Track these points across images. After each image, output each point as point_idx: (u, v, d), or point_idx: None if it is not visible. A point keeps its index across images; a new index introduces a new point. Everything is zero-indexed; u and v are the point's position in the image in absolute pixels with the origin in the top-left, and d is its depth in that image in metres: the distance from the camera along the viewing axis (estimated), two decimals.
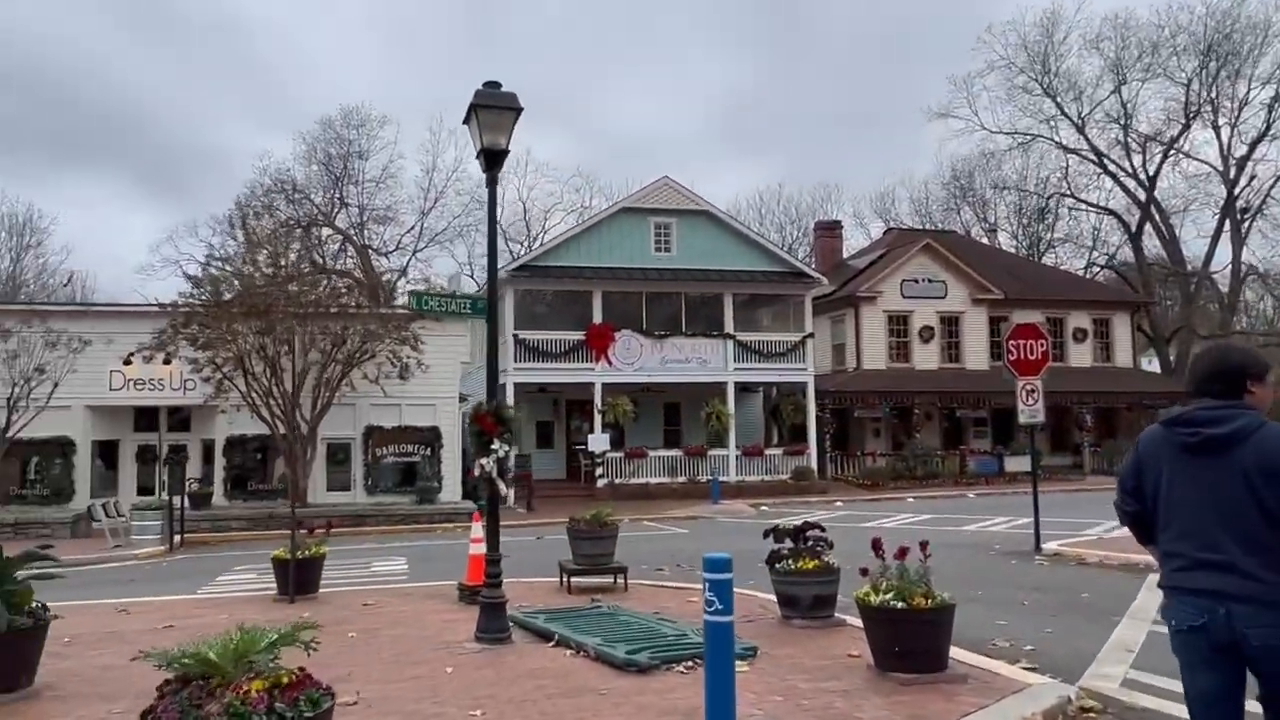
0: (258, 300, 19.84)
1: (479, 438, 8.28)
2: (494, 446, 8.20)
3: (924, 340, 33.81)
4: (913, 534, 17.73)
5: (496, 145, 8.33)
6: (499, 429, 8.20)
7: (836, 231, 40.86)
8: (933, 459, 31.26)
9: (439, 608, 10.12)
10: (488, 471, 8.24)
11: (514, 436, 8.28)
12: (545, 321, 27.78)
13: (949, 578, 12.35)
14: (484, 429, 8.23)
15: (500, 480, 8.29)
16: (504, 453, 8.26)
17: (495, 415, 8.20)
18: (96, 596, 11.94)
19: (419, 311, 8.78)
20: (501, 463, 8.27)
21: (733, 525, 20.61)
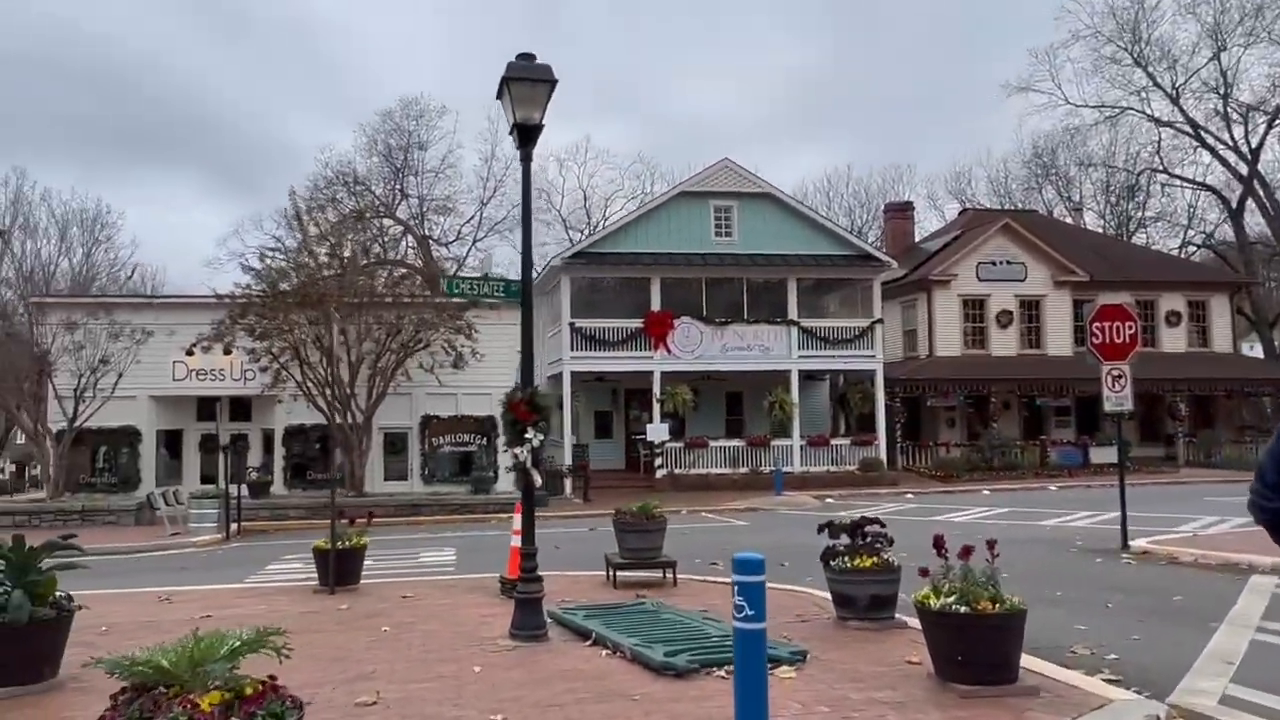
0: (311, 291, 19.87)
1: (512, 426, 7.84)
2: (528, 435, 7.74)
3: (1002, 325, 32.25)
4: (985, 529, 16.68)
5: (530, 120, 7.88)
6: (533, 417, 7.72)
7: (908, 213, 39.35)
8: (1011, 450, 29.78)
9: (478, 601, 9.72)
10: (521, 461, 7.79)
11: (549, 425, 7.80)
12: (603, 309, 27.31)
13: (1024, 576, 11.43)
14: (518, 417, 7.77)
15: (534, 470, 7.83)
16: (538, 442, 7.79)
17: (529, 402, 7.73)
18: (145, 584, 11.96)
19: (450, 295, 8.34)
20: (536, 452, 7.82)
21: (794, 518, 19.81)
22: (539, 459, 7.85)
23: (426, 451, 24.00)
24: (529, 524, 8.03)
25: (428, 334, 21.79)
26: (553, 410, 7.89)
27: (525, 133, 7.89)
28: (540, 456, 7.86)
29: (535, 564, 7.86)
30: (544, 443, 7.86)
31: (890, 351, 33.91)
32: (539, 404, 7.75)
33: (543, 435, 7.77)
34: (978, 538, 14.44)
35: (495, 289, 8.20)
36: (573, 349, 25.86)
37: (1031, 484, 26.90)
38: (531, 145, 7.96)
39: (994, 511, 19.78)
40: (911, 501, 22.85)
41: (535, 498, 22.59)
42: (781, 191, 28.31)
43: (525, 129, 7.89)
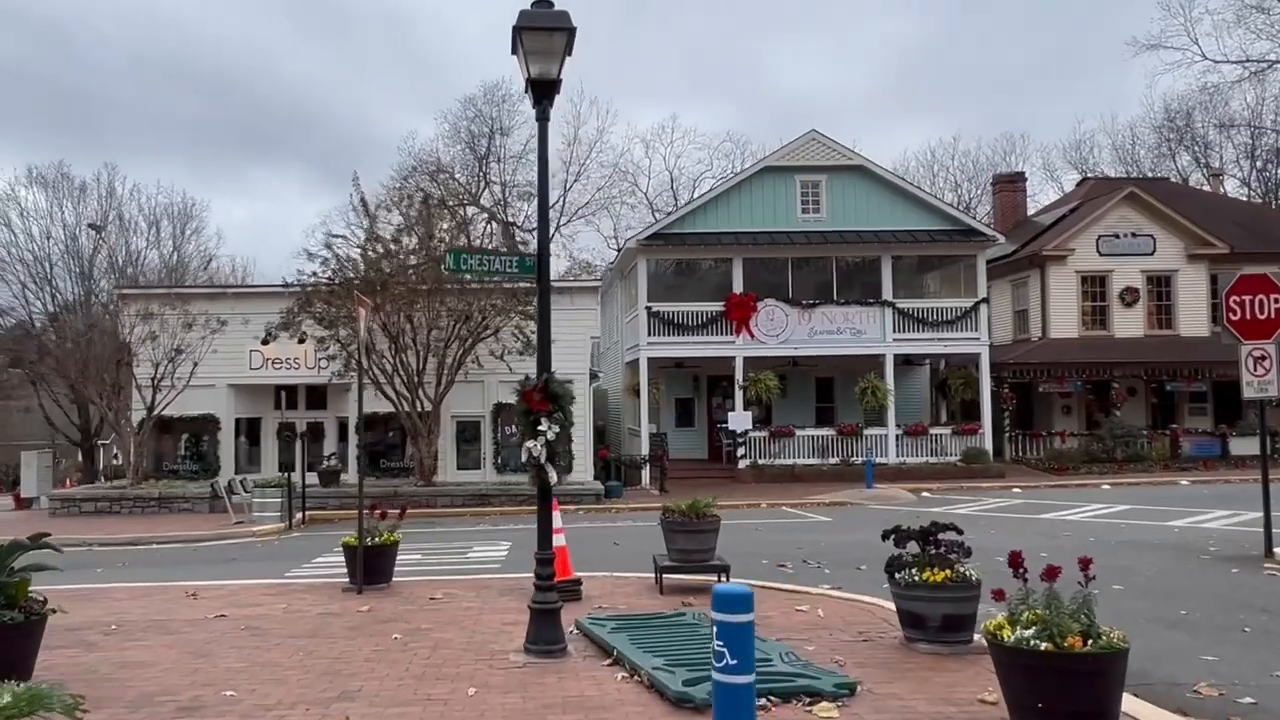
0: (374, 278, 19.49)
1: (525, 416, 6.86)
2: (541, 428, 6.72)
3: (1126, 303, 29.32)
4: (1099, 529, 14.73)
5: (546, 75, 6.89)
6: (548, 406, 6.70)
7: (1019, 185, 36.40)
8: (1136, 440, 27.01)
9: (509, 605, 8.81)
10: (535, 456, 6.78)
11: (566, 416, 6.77)
12: (682, 292, 26.12)
13: (1141, 590, 9.69)
14: (531, 406, 6.77)
15: (549, 466, 6.79)
16: (553, 434, 6.76)
17: (543, 391, 6.71)
18: (187, 577, 11.63)
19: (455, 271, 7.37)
20: (551, 446, 6.78)
21: (883, 514, 18.18)
22: (555, 454, 6.80)
23: (499, 440, 23.44)
24: (545, 525, 7.00)
25: (495, 320, 21.13)
26: (572, 400, 6.84)
27: (541, 89, 6.91)
28: (557, 451, 6.81)
29: (551, 571, 6.85)
30: (560, 435, 6.81)
31: (999, 334, 31.47)
32: (555, 392, 6.72)
33: (558, 427, 6.73)
34: (1090, 540, 12.62)
35: (508, 264, 7.20)
36: (650, 334, 24.79)
37: (1159, 478, 24.25)
38: (549, 103, 6.95)
39: (1112, 509, 17.63)
40: (1018, 497, 20.79)
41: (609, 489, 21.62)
42: (874, 163, 26.38)
43: (541, 84, 6.91)
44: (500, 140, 42.50)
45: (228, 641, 7.55)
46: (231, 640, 7.59)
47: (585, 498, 20.45)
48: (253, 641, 7.53)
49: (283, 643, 7.47)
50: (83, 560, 13.50)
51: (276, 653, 7.14)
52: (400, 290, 19.74)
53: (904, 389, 27.88)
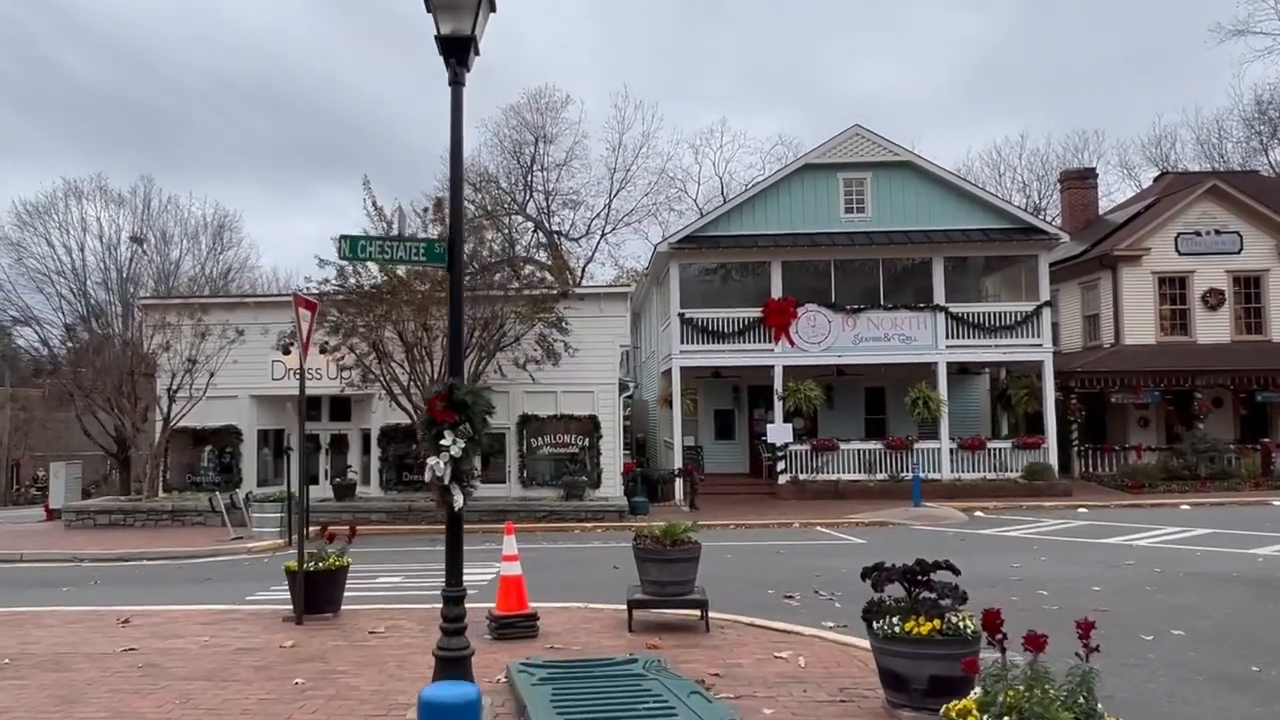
0: (384, 285, 18.79)
1: (428, 429, 5.73)
2: (444, 442, 5.58)
3: (1210, 307, 26.84)
4: (1170, 557, 12.88)
5: (461, 31, 5.82)
6: (453, 417, 5.56)
7: (1089, 181, 33.95)
8: (1222, 455, 24.53)
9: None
10: (439, 476, 5.64)
11: (476, 429, 5.61)
12: (717, 298, 24.78)
13: (1208, 635, 8.03)
14: (434, 417, 5.64)
15: (456, 488, 5.63)
16: (459, 450, 5.60)
17: (447, 399, 5.57)
18: (148, 597, 10.93)
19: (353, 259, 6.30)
20: (458, 463, 5.63)
21: (928, 536, 16.54)
22: (462, 473, 5.64)
23: (524, 454, 22.48)
24: (454, 557, 5.81)
25: (517, 328, 20.20)
26: (486, 410, 5.67)
27: (455, 48, 5.81)
28: (464, 469, 5.65)
29: (460, 613, 5.66)
30: (469, 450, 5.65)
31: (1067, 340, 29.25)
32: (461, 401, 5.56)
33: (465, 441, 5.58)
34: (1155, 571, 10.83)
35: (414, 251, 6.08)
36: (683, 342, 23.53)
37: (1248, 498, 21.85)
38: (464, 66, 5.84)
39: (1189, 534, 15.63)
40: (1083, 518, 18.82)
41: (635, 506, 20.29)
42: (923, 158, 24.65)
43: (453, 43, 5.81)
44: (544, 148, 41.92)
45: (111, 683, 6.63)
46: (117, 682, 6.67)
47: (608, 514, 19.30)
48: (139, 684, 6.60)
49: (170, 686, 6.52)
50: (60, 577, 12.98)
51: (153, 699, 6.19)
52: (413, 297, 18.95)
53: (960, 400, 25.99)
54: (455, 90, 5.71)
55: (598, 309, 22.82)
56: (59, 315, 27.81)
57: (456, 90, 5.71)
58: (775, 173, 24.81)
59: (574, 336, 21.08)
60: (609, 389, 22.77)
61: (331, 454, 23.63)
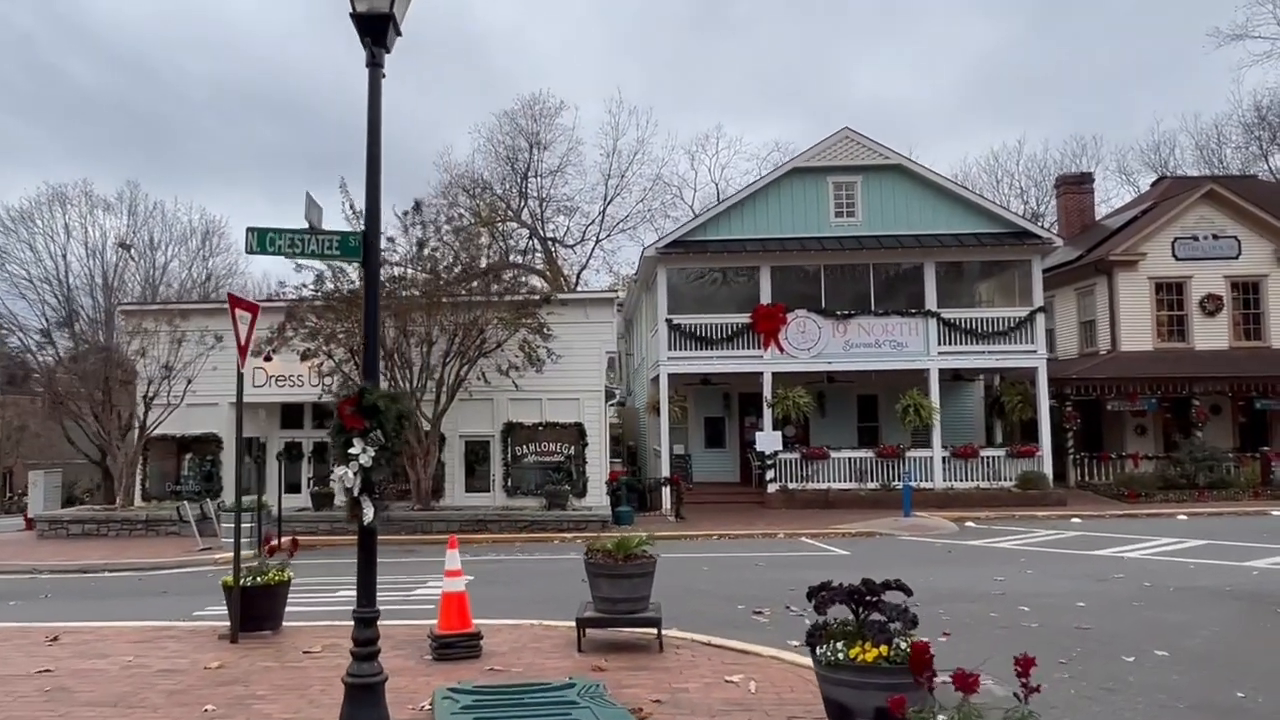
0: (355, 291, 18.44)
1: (337, 436, 5.34)
2: (353, 450, 5.20)
3: (1207, 312, 26.44)
4: (1161, 570, 12.45)
5: (377, 9, 5.44)
6: (363, 424, 5.19)
7: (1085, 186, 33.57)
8: (1221, 463, 24.09)
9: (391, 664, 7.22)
10: (347, 487, 5.26)
11: (389, 436, 5.22)
12: (705, 304, 24.41)
13: (1194, 656, 7.60)
14: (344, 424, 5.26)
15: (367, 501, 5.24)
16: (368, 459, 5.21)
17: (357, 404, 5.19)
18: (94, 612, 10.57)
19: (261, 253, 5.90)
20: (368, 473, 5.24)
21: (916, 548, 16.12)
22: (372, 483, 5.25)
23: (509, 462, 22.10)
24: (365, 575, 5.39)
25: (499, 333, 19.84)
26: (402, 416, 5.29)
27: (371, 27, 5.43)
28: (374, 480, 5.26)
29: (372, 635, 5.24)
30: (381, 459, 5.26)
31: (1064, 347, 28.85)
32: (372, 406, 5.18)
33: (375, 450, 5.19)
34: (1145, 585, 10.40)
35: (327, 245, 5.68)
36: (670, 348, 23.14)
37: (1247, 507, 21.41)
38: (382, 47, 5.46)
39: (1183, 545, 15.20)
40: (1076, 528, 18.39)
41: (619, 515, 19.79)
42: (914, 161, 24.31)
43: (371, 21, 5.44)
44: (538, 154, 41.62)
45: (10, 709, 6.24)
46: (17, 708, 6.27)
47: (591, 524, 18.88)
48: (38, 710, 6.18)
49: (69, 714, 6.09)
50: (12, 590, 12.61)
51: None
52: (391, 302, 18.60)
53: (954, 407, 25.58)
54: (373, 73, 5.34)
55: (584, 315, 22.46)
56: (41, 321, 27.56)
57: (374, 73, 5.34)
58: (764, 176, 24.46)
59: (559, 343, 20.72)
60: (595, 396, 22.39)
61: (314, 462, 23.27)
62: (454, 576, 7.38)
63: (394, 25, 5.42)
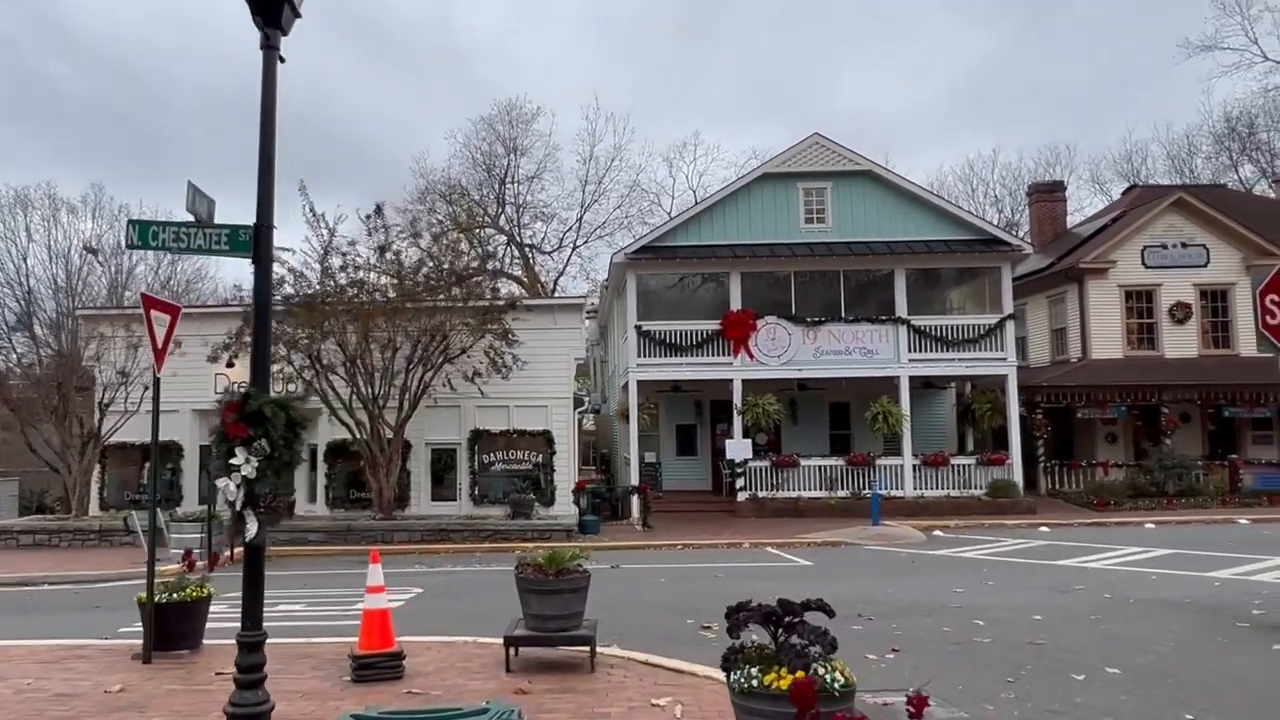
0: (317, 293, 18.12)
1: (220, 444, 5.06)
2: (235, 460, 4.92)
3: (1177, 320, 26.54)
4: (1124, 580, 12.33)
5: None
6: (246, 433, 4.91)
7: (1057, 194, 33.70)
8: (1190, 471, 24.13)
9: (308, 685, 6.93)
10: (230, 500, 4.98)
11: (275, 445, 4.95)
12: (675, 310, 24.20)
13: (1146, 676, 7.39)
14: (227, 432, 4.98)
15: (251, 515, 4.95)
16: (253, 470, 4.93)
17: (240, 411, 4.92)
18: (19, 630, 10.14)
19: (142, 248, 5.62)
20: (252, 485, 4.95)
21: (878, 557, 15.95)
22: (257, 496, 4.97)
23: (476, 470, 21.78)
24: (252, 596, 5.12)
25: (464, 339, 19.54)
26: (296, 424, 5.02)
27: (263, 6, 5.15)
28: (259, 492, 4.98)
29: (257, 662, 4.96)
30: (267, 470, 4.98)
31: (1036, 355, 28.89)
32: (258, 412, 4.91)
33: (261, 459, 4.92)
34: (1105, 596, 10.22)
35: (215, 240, 5.42)
36: (640, 355, 22.92)
37: (1215, 515, 21.42)
38: (276, 28, 5.20)
39: (1149, 555, 15.12)
40: (1044, 537, 18.30)
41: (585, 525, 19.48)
42: (884, 167, 24.26)
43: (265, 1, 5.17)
44: (515, 160, 41.35)
45: None
46: None
47: (555, 534, 18.58)
48: None
49: None
50: None
51: None
52: (347, 308, 18.28)
53: (925, 415, 25.51)
54: (267, 56, 5.08)
55: (552, 321, 22.21)
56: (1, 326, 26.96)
57: (268, 56, 5.08)
58: (734, 182, 24.31)
59: (526, 349, 20.44)
60: (563, 404, 22.13)
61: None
62: (375, 592, 7.08)
63: (290, 5, 5.16)
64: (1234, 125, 43.90)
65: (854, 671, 7.40)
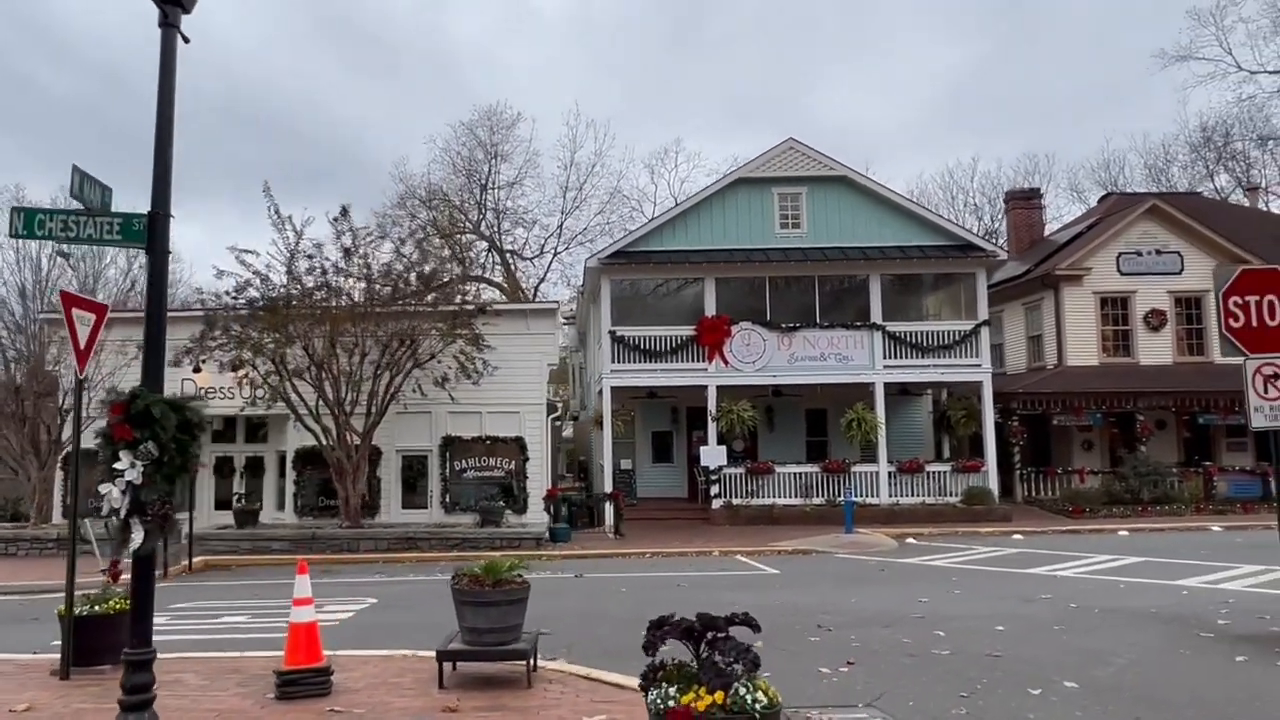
0: (278, 298, 17.81)
1: (105, 447, 4.81)
2: (119, 465, 4.68)
3: (1152, 327, 26.58)
4: (1091, 589, 12.19)
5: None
6: (131, 435, 4.67)
7: (1034, 201, 33.76)
8: (1164, 478, 24.12)
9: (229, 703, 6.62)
10: (114, 508, 4.73)
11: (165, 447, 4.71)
12: (650, 316, 24.01)
13: (1103, 689, 7.17)
14: (113, 435, 4.74)
15: (137, 523, 4.70)
16: (138, 475, 4.68)
17: (125, 412, 4.68)
18: None
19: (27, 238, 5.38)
20: (137, 490, 4.70)
21: (847, 566, 15.77)
22: (143, 504, 4.72)
23: (447, 477, 21.48)
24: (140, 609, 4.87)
25: (432, 344, 19.27)
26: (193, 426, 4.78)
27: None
28: (145, 499, 4.73)
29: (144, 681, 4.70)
30: (156, 475, 4.74)
31: (1012, 361, 28.88)
32: (144, 414, 4.67)
33: (147, 464, 4.67)
34: (1071, 606, 10.03)
35: (108, 230, 5.19)
36: (614, 361, 22.70)
37: (1189, 523, 21.38)
38: (177, 4, 4.98)
39: (1119, 563, 15.01)
40: (1017, 545, 18.19)
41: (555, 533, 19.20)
42: (859, 173, 24.16)
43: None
44: (496, 166, 41.10)
45: None
46: None
47: (525, 542, 18.33)
48: None
49: None
50: None
51: None
52: (311, 311, 17.98)
53: (902, 422, 25.43)
54: (166, 34, 4.86)
55: (524, 326, 21.97)
56: None
57: (167, 34, 4.86)
58: (708, 187, 24.16)
59: (498, 355, 20.21)
60: (536, 410, 21.86)
61: (247, 477, 22.51)
62: (302, 605, 6.80)
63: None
64: (1210, 135, 44.25)
65: (805, 685, 7.28)
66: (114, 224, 5.09)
